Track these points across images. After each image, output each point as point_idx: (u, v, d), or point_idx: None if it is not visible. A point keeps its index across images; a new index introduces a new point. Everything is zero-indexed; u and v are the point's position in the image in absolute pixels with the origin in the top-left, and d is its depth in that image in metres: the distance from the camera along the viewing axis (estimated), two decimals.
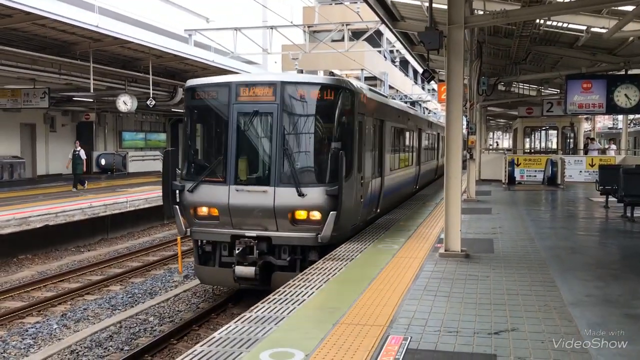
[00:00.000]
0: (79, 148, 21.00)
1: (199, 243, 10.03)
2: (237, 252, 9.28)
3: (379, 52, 35.44)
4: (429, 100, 38.22)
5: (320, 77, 10.70)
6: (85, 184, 21.09)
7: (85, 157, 21.31)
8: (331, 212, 9.01)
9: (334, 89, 9.62)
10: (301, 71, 26.27)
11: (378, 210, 12.49)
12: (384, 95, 15.82)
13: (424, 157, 20.45)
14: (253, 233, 9.34)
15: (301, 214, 9.33)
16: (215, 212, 9.63)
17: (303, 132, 9.67)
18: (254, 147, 9.81)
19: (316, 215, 9.27)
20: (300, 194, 9.11)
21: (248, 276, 9.30)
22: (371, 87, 13.97)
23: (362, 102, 10.48)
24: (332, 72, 31.09)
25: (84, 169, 21.27)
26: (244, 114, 9.49)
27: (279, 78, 9.75)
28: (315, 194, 9.17)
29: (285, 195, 9.18)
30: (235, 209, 9.39)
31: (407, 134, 16.75)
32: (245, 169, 9.48)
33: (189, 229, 9.81)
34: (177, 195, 9.84)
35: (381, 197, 12.47)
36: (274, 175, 9.28)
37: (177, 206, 9.78)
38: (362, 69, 30.82)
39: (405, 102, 26.63)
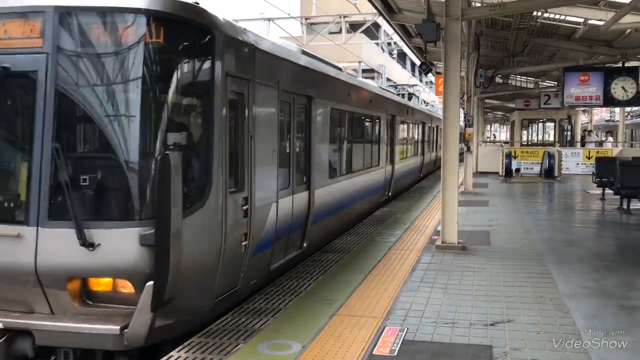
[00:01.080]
0: None
1: None
2: None
3: (377, 44, 35.39)
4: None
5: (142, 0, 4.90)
6: None
7: None
8: (147, 284, 4.49)
9: (166, 23, 4.90)
10: None
11: (304, 245, 8.07)
12: (323, 61, 9.75)
13: (402, 154, 16.51)
14: None
15: (99, 284, 4.91)
16: None
17: (101, 112, 4.85)
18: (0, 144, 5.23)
19: (127, 286, 4.82)
20: (87, 243, 4.62)
21: None
22: (305, 50, 9.00)
23: (245, 56, 5.93)
24: None
25: None
26: None
27: (53, 1, 4.84)
28: (119, 243, 4.67)
29: (59, 245, 4.72)
30: None
31: (370, 122, 12.71)
32: None
33: None
34: None
35: (309, 225, 8.09)
36: (37, 202, 4.75)
37: None
38: (359, 62, 30.77)
39: (402, 95, 26.54)
